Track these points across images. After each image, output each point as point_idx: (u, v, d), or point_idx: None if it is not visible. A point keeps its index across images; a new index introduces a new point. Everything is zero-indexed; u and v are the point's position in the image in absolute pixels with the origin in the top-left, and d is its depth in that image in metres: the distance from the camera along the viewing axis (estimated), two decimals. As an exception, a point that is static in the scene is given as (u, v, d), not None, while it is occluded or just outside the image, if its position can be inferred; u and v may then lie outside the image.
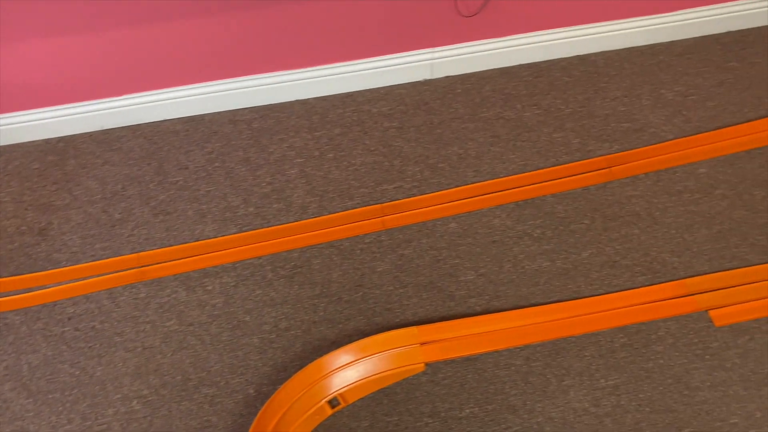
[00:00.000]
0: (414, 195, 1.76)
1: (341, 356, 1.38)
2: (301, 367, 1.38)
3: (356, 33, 1.97)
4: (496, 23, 2.02)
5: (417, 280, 1.57)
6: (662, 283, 1.51)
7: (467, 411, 1.33)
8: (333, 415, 1.35)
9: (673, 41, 2.13)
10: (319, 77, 2.04)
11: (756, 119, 1.85)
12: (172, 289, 1.59)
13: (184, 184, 1.83)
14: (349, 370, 1.37)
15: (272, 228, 1.69)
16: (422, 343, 1.42)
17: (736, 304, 1.45)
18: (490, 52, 2.08)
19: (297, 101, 2.05)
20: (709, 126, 1.85)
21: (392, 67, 2.06)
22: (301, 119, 1.99)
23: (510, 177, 1.78)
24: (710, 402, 1.31)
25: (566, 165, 1.79)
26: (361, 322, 1.49)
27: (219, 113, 2.03)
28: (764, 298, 1.46)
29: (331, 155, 1.88)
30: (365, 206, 1.74)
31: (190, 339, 1.49)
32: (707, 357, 1.37)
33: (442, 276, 1.57)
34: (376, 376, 1.37)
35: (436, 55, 2.05)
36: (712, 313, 1.44)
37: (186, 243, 1.69)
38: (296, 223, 1.71)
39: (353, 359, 1.38)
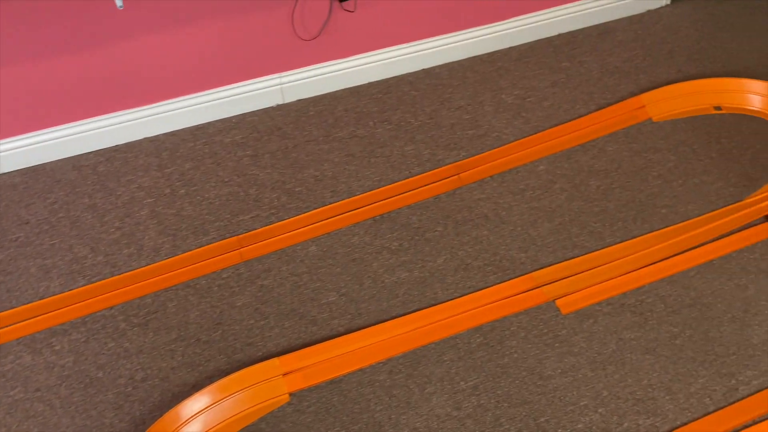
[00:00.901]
0: (272, 223, 1.74)
1: (200, 400, 1.33)
2: (160, 417, 1.33)
3: (200, 64, 1.93)
4: (340, 44, 2.05)
5: (278, 309, 1.55)
6: (512, 279, 1.58)
7: (334, 435, 1.33)
8: (197, 462, 1.30)
9: (510, 47, 2.26)
10: (166, 112, 1.98)
11: (586, 114, 1.98)
12: (15, 355, 1.48)
13: (26, 239, 1.71)
14: (209, 414, 1.32)
15: (123, 275, 1.62)
16: (285, 374, 1.40)
17: (579, 290, 1.54)
18: (338, 72, 2.11)
19: (145, 139, 1.98)
20: (546, 125, 1.97)
21: (242, 95, 2.04)
22: (150, 157, 1.92)
23: (366, 194, 1.80)
24: (562, 388, 1.37)
25: (418, 176, 1.84)
26: (221, 362, 1.45)
27: (61, 161, 1.92)
28: (603, 281, 1.55)
29: (183, 191, 1.83)
30: (221, 240, 1.70)
31: (37, 406, 1.39)
32: (557, 345, 1.45)
33: (303, 301, 1.56)
34: (238, 415, 1.34)
35: (285, 79, 2.05)
36: (558, 302, 1.52)
37: (30, 303, 1.58)
38: (148, 267, 1.64)
39: (213, 401, 1.34)
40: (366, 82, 2.16)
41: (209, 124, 2.04)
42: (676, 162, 1.82)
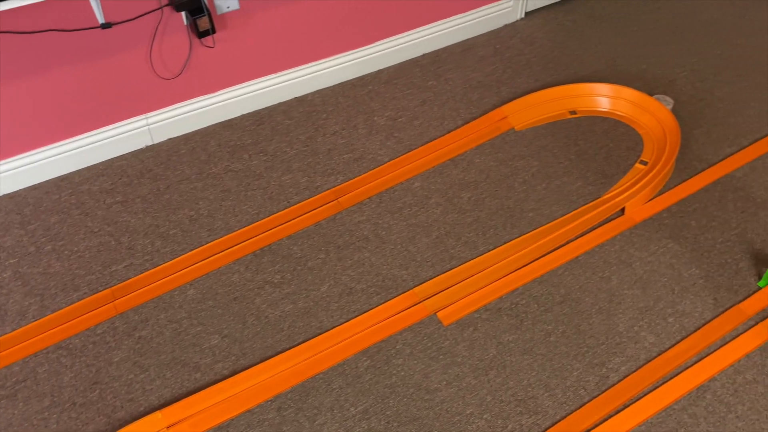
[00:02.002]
0: (147, 270, 1.68)
1: (75, 469, 1.26)
2: (33, 494, 1.24)
3: (59, 112, 1.85)
4: (205, 80, 2.02)
5: (159, 360, 1.49)
6: (395, 297, 1.61)
7: (225, 482, 1.29)
8: None
9: (379, 70, 2.31)
10: (26, 165, 1.88)
11: (455, 129, 2.06)
12: None
13: None
14: (87, 482, 1.25)
15: (-16, 345, 1.51)
16: (169, 426, 1.35)
17: (458, 300, 1.59)
18: (208, 108, 2.08)
19: (4, 196, 1.86)
20: (418, 143, 2.03)
21: (107, 140, 1.97)
22: (10, 215, 1.81)
23: (244, 229, 1.78)
24: (448, 399, 1.41)
25: (297, 205, 1.84)
26: (101, 423, 1.38)
27: None
28: (480, 289, 1.61)
29: (49, 247, 1.73)
30: (94, 294, 1.63)
31: None
32: (441, 357, 1.49)
33: (185, 348, 1.51)
34: (121, 477, 1.27)
35: (152, 120, 2.00)
36: (439, 314, 1.57)
37: None
38: (14, 332, 1.54)
39: (91, 468, 1.27)
40: (238, 114, 2.14)
41: (75, 173, 1.95)
42: (539, 167, 1.93)
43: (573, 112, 2.10)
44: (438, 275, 1.66)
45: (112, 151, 1.99)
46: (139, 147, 2.03)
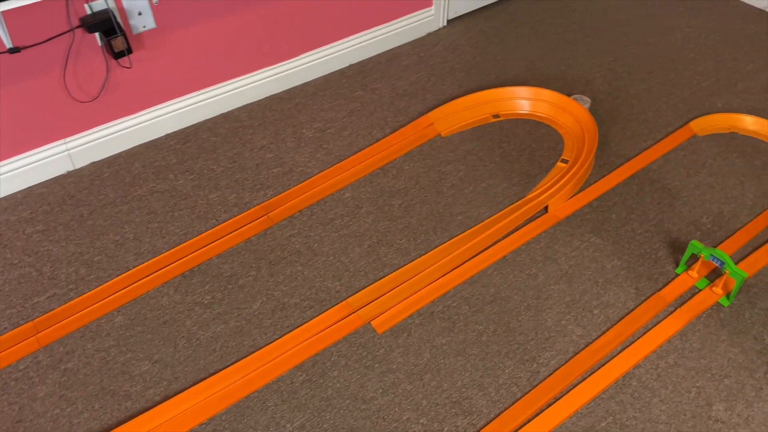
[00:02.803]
0: (71, 299, 1.63)
1: None
2: None
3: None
4: (126, 101, 1.98)
5: (86, 391, 1.45)
6: (328, 309, 1.60)
7: None
8: None
9: (305, 83, 2.32)
10: (-66, 199, 1.79)
11: (383, 138, 2.08)
12: None
13: None
14: None
15: None
16: (98, 459, 1.31)
17: (391, 308, 1.60)
18: (130, 129, 2.03)
19: None
20: (347, 153, 2.04)
21: (25, 168, 1.90)
22: None
23: (172, 250, 1.75)
24: (385, 407, 1.42)
25: (226, 222, 1.82)
26: (25, 462, 1.33)
27: None
28: (412, 294, 1.63)
29: (-36, 283, 1.66)
30: (15, 329, 1.56)
31: None
32: (376, 365, 1.49)
33: (114, 377, 1.47)
34: None
35: (72, 144, 1.94)
36: (373, 323, 1.57)
37: None
38: (-73, 375, 1.46)
39: None
40: (163, 134, 2.10)
41: (-10, 203, 1.87)
42: (466, 171, 1.97)
43: (496, 116, 2.15)
44: (371, 284, 1.66)
45: (31, 179, 1.92)
46: (60, 173, 1.96)
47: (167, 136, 2.10)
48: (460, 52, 2.44)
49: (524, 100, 2.15)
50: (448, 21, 2.58)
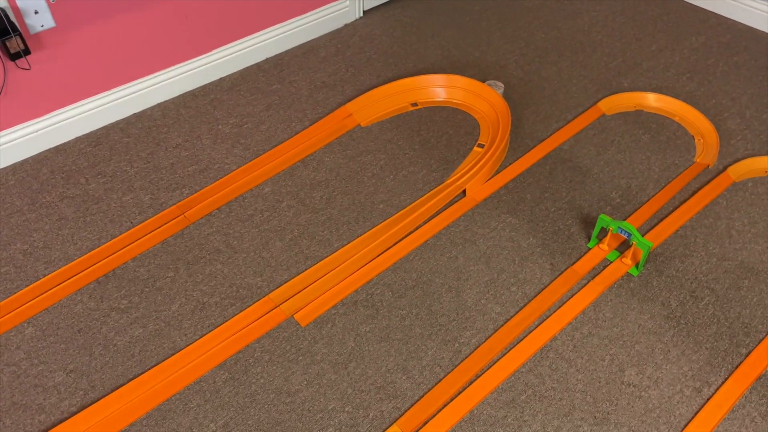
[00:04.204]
0: (-24, 314, 1.55)
1: None
2: None
3: None
4: (28, 104, 1.90)
5: (-5, 408, 1.38)
6: (250, 306, 1.59)
7: None
8: None
9: (221, 78, 2.27)
10: None
11: (302, 130, 2.07)
12: None
13: None
14: None
15: None
16: (10, 477, 1.25)
17: (314, 299, 1.60)
18: (36, 133, 1.95)
19: None
20: (266, 147, 2.02)
21: None
22: None
23: (85, 256, 1.69)
24: (310, 399, 1.41)
25: (141, 225, 1.77)
26: (-70, 488, 1.25)
27: None
28: (335, 285, 1.63)
29: None
30: None
31: None
32: (300, 358, 1.49)
33: (25, 391, 1.41)
34: None
35: (-29, 152, 1.84)
36: (296, 316, 1.57)
37: None
38: None
39: None
40: (72, 137, 2.02)
41: None
42: (386, 159, 1.98)
43: (414, 104, 2.17)
44: (293, 277, 1.66)
45: (-73, 191, 1.81)
46: (-41, 183, 1.86)
47: (77, 139, 2.02)
48: (377, 42, 2.45)
49: (440, 88, 2.18)
50: (365, 12, 2.58)
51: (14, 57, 1.75)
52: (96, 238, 1.73)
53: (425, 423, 1.37)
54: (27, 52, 1.76)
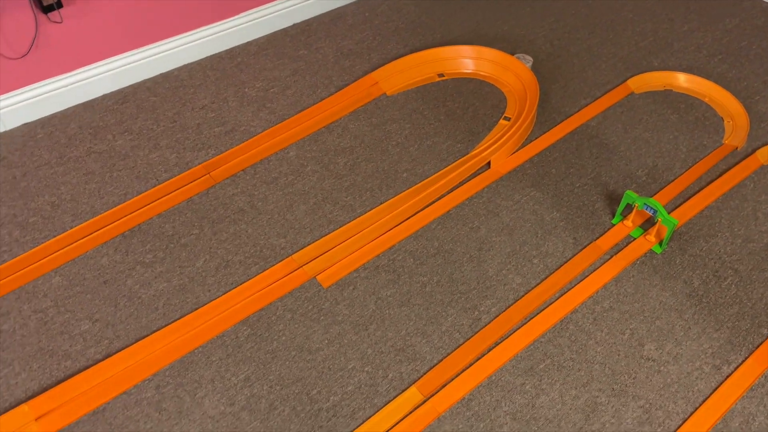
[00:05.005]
0: (5, 261, 1.58)
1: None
2: None
3: None
4: (58, 59, 1.91)
5: (23, 352, 1.41)
6: (273, 265, 1.60)
7: (102, 467, 1.25)
8: None
9: (248, 42, 2.27)
10: None
11: (328, 97, 2.07)
12: None
13: None
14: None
15: None
16: (38, 418, 1.28)
17: (337, 262, 1.61)
18: (64, 89, 1.96)
19: None
20: (292, 112, 2.02)
21: (-50, 129, 1.81)
22: None
23: (111, 210, 1.70)
24: (330, 357, 1.43)
25: (167, 182, 1.79)
26: (-40, 425, 1.29)
27: None
28: (358, 249, 1.64)
29: None
30: (-56, 292, 1.51)
31: None
32: (322, 318, 1.50)
33: (52, 337, 1.44)
34: (-15, 477, 1.20)
35: (2, 104, 1.86)
36: (319, 277, 1.58)
37: None
38: None
39: (-51, 471, 1.18)
40: (99, 94, 2.03)
41: None
42: (411, 129, 1.97)
43: (441, 75, 2.16)
44: (316, 240, 1.67)
45: (-43, 140, 1.84)
46: (-11, 134, 1.88)
47: (104, 96, 2.03)
48: (405, 11, 2.42)
49: (468, 60, 2.17)
50: (394, -19, 2.55)
51: (47, 9, 1.75)
52: (122, 194, 1.75)
53: (443, 386, 1.39)
54: (59, 5, 1.77)
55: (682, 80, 2.14)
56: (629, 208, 1.73)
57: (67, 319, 1.48)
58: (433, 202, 1.76)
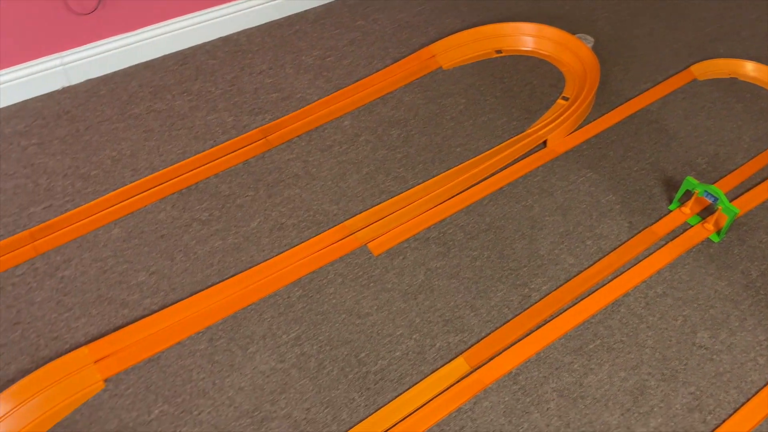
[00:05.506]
0: (68, 210, 1.63)
1: (1, 405, 1.22)
2: (-47, 434, 1.20)
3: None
4: (124, 17, 1.94)
5: (83, 298, 1.46)
6: (326, 231, 1.62)
7: (156, 411, 1.29)
8: (5, 471, 1.20)
9: (306, 11, 2.27)
10: (-74, 107, 1.76)
11: (384, 68, 2.06)
12: None
13: None
14: (12, 418, 1.22)
15: None
16: (96, 361, 1.33)
17: (388, 231, 1.62)
18: (127, 47, 2.00)
19: None
20: (347, 81, 2.02)
21: (19, 81, 1.87)
22: None
23: (169, 168, 1.74)
24: (379, 323, 1.44)
25: (224, 144, 1.81)
26: (24, 362, 1.34)
27: None
28: (409, 220, 1.64)
29: (-41, 191, 1.65)
30: (11, 237, 1.56)
31: None
32: (371, 284, 1.51)
33: (111, 286, 1.48)
34: (48, 412, 1.25)
35: (68, 59, 1.91)
36: (370, 245, 1.59)
37: None
38: (-77, 276, 1.46)
39: (16, 404, 1.24)
40: (160, 55, 2.07)
41: (-16, 115, 1.84)
42: (466, 104, 1.96)
43: (499, 52, 2.13)
44: (368, 209, 1.67)
45: (26, 93, 1.89)
46: (55, 88, 1.93)
47: (164, 57, 2.07)
48: (464, -13, 2.39)
49: (528, 37, 2.13)
50: (454, -44, 2.52)
51: (116, -33, 1.78)
52: (180, 152, 1.78)
53: (491, 359, 1.39)
54: (128, -37, 1.79)
55: (750, 69, 2.07)
56: (688, 195, 1.69)
57: (125, 270, 1.52)
58: (486, 178, 1.75)
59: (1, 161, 1.73)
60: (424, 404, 1.32)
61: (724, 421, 1.31)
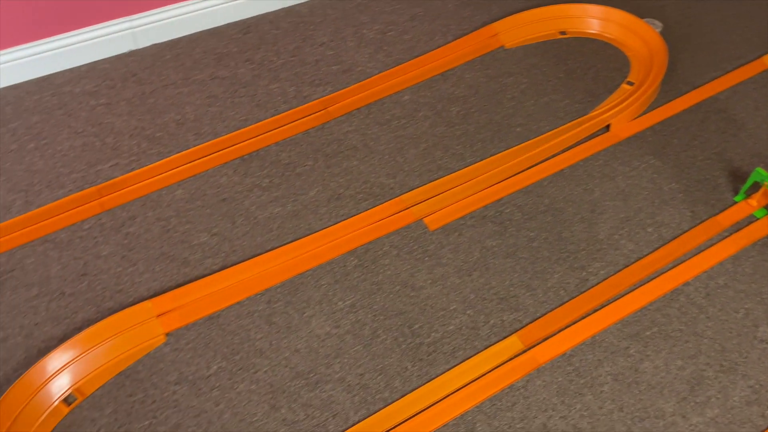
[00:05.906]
0: (133, 170, 1.67)
1: (67, 351, 1.27)
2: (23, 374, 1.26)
3: (35, 10, 1.78)
4: (191, -17, 1.96)
5: (147, 254, 1.50)
6: (382, 203, 1.62)
7: (215, 367, 1.32)
8: (72, 411, 1.25)
9: (368, -16, 2.26)
10: (2, 64, 1.82)
11: (445, 45, 2.05)
12: None
13: None
14: (79, 364, 1.27)
15: (-31, 236, 1.49)
16: (159, 315, 1.37)
17: (444, 207, 1.62)
18: (194, 14, 2.03)
19: (-19, 94, 1.81)
20: (408, 57, 2.01)
21: (89, 42, 1.91)
22: (-11, 113, 1.77)
23: (232, 134, 1.77)
24: (433, 296, 1.45)
25: (285, 113, 1.83)
26: (90, 312, 1.39)
27: None
28: (466, 197, 1.64)
29: (32, 146, 1.71)
30: (79, 191, 1.61)
31: None
32: (426, 258, 1.52)
33: (173, 244, 1.52)
34: (112, 361, 1.30)
35: (136, 23, 1.95)
36: (426, 220, 1.59)
37: None
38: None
39: (82, 351, 1.29)
40: (224, 23, 2.09)
41: (56, 74, 1.90)
42: (528, 84, 1.93)
43: (563, 33, 2.09)
44: (425, 184, 1.67)
45: (95, 54, 1.94)
46: (123, 51, 1.98)
47: (228, 25, 2.09)
48: (529, -34, 2.35)
49: (594, 19, 2.09)
50: (519, -66, 2.47)
51: (188, -67, 1.80)
52: (242, 119, 1.81)
53: (545, 339, 1.38)
54: (200, -71, 1.81)
55: (827, 61, 1.99)
56: (755, 186, 1.64)
57: (187, 230, 1.56)
58: (546, 159, 1.73)
59: (70, 119, 1.78)
60: (477, 378, 1.32)
61: (784, 417, 1.28)
